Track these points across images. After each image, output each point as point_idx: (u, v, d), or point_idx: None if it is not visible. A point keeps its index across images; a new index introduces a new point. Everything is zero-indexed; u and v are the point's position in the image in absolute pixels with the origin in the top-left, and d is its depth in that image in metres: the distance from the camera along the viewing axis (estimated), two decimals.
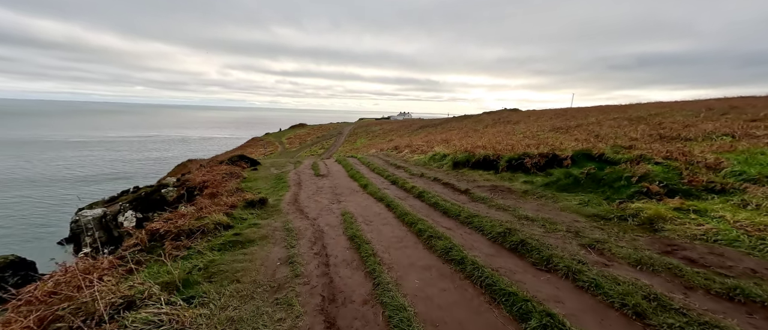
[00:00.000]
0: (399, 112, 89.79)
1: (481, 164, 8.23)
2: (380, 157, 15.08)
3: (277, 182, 10.28)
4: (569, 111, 29.50)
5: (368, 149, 25.33)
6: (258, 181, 11.24)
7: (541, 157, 7.14)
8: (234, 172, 12.74)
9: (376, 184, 8.68)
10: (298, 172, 12.12)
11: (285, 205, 6.69)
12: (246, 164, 14.78)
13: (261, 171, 13.60)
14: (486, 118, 34.27)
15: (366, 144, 37.11)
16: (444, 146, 14.61)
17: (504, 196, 6.03)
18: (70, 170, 54.47)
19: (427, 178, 8.44)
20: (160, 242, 4.32)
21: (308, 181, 10.33)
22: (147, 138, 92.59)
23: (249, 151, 47.49)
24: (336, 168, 12.90)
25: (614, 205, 4.83)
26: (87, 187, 44.68)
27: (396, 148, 17.11)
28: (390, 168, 11.25)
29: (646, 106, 25.90)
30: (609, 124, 17.87)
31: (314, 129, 60.53)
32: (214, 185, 11.06)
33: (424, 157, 11.77)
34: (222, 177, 11.95)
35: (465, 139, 19.34)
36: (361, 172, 10.63)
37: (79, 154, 68.03)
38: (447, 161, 9.71)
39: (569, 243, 3.84)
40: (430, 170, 9.71)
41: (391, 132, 44.15)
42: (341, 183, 9.60)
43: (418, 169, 10.10)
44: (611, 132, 14.17)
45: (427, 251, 4.14)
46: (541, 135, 16.79)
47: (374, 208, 6.40)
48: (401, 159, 13.02)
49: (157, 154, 72.74)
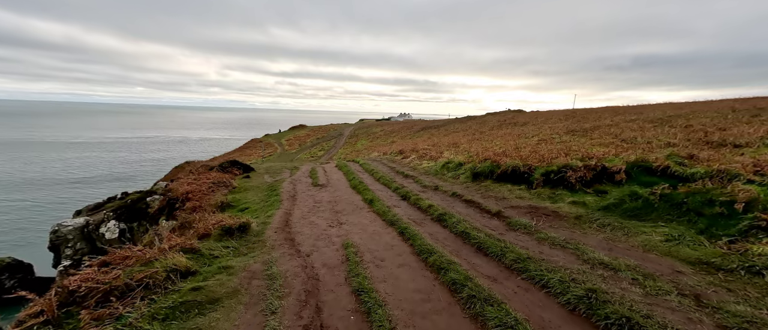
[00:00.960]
0: (399, 113, 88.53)
1: (507, 177, 6.81)
2: (384, 163, 13.66)
3: (268, 195, 8.85)
4: (577, 112, 28.10)
5: (370, 152, 23.92)
6: (248, 193, 9.82)
7: (587, 169, 5.72)
8: (223, 180, 11.31)
9: (383, 198, 7.27)
10: (294, 181, 10.70)
11: (272, 232, 5.24)
12: (238, 170, 13.35)
13: (253, 179, 12.17)
14: (490, 120, 32.85)
15: (367, 146, 35.71)
16: (454, 151, 13.19)
17: (552, 224, 4.61)
18: (69, 172, 53.14)
19: (444, 193, 7.01)
20: (79, 307, 2.89)
21: (304, 193, 8.90)
22: (147, 139, 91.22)
23: (248, 153, 46.04)
24: (336, 176, 11.47)
25: (723, 245, 3.42)
26: (85, 189, 43.32)
27: (401, 152, 15.69)
28: (397, 177, 9.82)
29: (659, 107, 24.49)
30: (628, 126, 16.47)
31: (314, 130, 59.09)
32: (198, 197, 9.64)
33: (434, 165, 10.35)
34: (208, 187, 10.52)
35: (474, 142, 17.91)
36: (364, 183, 9.21)
37: (79, 156, 66.69)
38: (464, 171, 8.28)
39: (701, 323, 2.43)
40: (445, 181, 8.28)
41: (392, 133, 42.74)
42: (342, 196, 8.17)
43: (430, 180, 8.68)
44: (638, 135, 12.75)
45: (473, 328, 2.72)
46: (557, 138, 15.38)
47: (384, 237, 4.98)
48: (408, 166, 11.59)
49: (156, 156, 71.39)
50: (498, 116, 35.07)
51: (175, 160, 55.13)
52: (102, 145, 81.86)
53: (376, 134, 44.59)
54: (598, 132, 15.69)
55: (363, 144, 38.82)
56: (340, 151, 37.30)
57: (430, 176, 9.28)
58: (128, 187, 39.48)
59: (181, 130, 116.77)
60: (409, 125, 48.59)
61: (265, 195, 8.98)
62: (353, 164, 14.39)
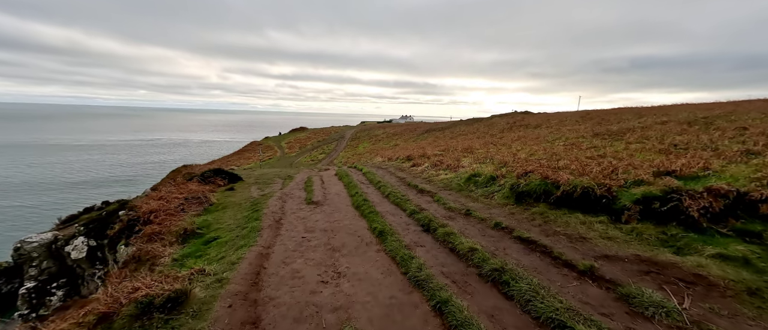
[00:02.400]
0: (401, 116, 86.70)
1: (572, 201, 4.76)
2: (391, 172, 11.58)
3: (248, 217, 6.78)
4: (592, 113, 25.97)
5: (373, 156, 21.85)
6: (226, 212, 7.75)
7: (712, 196, 3.66)
8: (201, 194, 9.25)
9: (397, 228, 5.20)
10: (285, 196, 8.63)
11: (225, 307, 3.13)
12: (223, 180, 11.29)
13: (238, 191, 10.10)
14: (498, 122, 30.75)
15: (369, 149, 33.65)
16: (472, 158, 11.09)
17: (711, 305, 2.55)
18: (70, 175, 51.44)
19: (483, 223, 4.95)
20: None
21: (294, 214, 6.82)
22: (148, 142, 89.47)
23: (247, 156, 44.01)
24: (335, 188, 9.40)
25: None
26: (85, 191, 41.47)
27: (409, 158, 13.61)
28: (411, 193, 7.75)
29: (682, 108, 22.30)
30: (662, 128, 14.36)
31: (315, 133, 57.07)
32: (162, 218, 7.56)
33: (455, 177, 8.28)
34: (179, 204, 8.46)
35: (489, 146, 15.81)
36: (370, 201, 7.13)
37: (80, 158, 64.93)
38: (500, 189, 6.20)
39: None
40: (476, 202, 6.20)
41: (395, 136, 40.70)
42: (342, 220, 6.11)
43: (455, 199, 6.60)
44: (687, 139, 10.65)
45: None
46: (585, 142, 13.29)
47: (411, 317, 2.92)
48: (422, 177, 9.50)
49: (157, 158, 69.60)
50: (506, 118, 32.98)
51: (176, 162, 53.34)
52: (103, 147, 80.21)
53: (378, 137, 42.57)
54: (631, 135, 13.59)
55: (365, 147, 36.78)
56: (342, 154, 35.26)
57: (454, 193, 7.19)
58: (128, 190, 37.58)
59: (183, 133, 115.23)
60: (411, 127, 46.55)
61: (244, 217, 6.91)
62: (355, 172, 12.32)
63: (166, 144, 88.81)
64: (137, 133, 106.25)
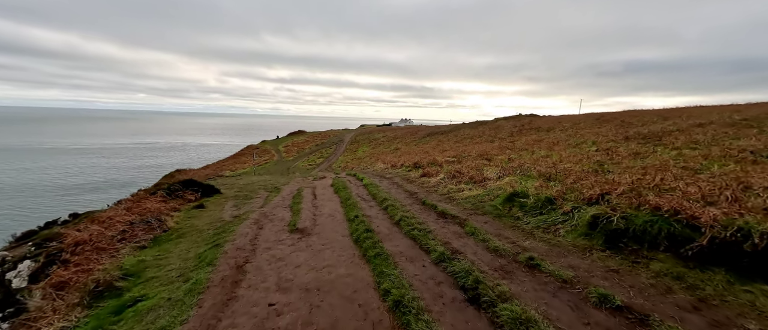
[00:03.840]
0: (400, 119, 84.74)
1: (721, 254, 2.71)
2: (397, 183, 9.45)
3: (201, 258, 4.64)
4: (605, 116, 23.98)
5: (374, 162, 19.67)
6: (177, 246, 5.58)
7: None
8: (156, 215, 7.09)
9: (423, 295, 3.04)
10: (264, 218, 6.49)
11: None
12: (193, 194, 9.11)
13: (208, 210, 7.93)
14: (505, 125, 28.72)
15: (369, 153, 31.52)
16: (496, 168, 8.97)
17: None
18: (65, 178, 48.91)
19: (572, 291, 2.84)
20: None
21: (268, 252, 4.68)
22: (146, 145, 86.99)
23: (242, 160, 41.76)
24: (329, 206, 7.25)
25: None
26: (80, 196, 39.09)
27: (417, 166, 11.48)
28: (430, 218, 5.63)
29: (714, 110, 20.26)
30: (701, 131, 12.34)
31: (313, 136, 54.92)
32: (87, 255, 5.41)
33: (483, 194, 6.18)
34: (121, 231, 6.29)
35: (506, 152, 13.69)
36: (374, 231, 5.01)
37: (76, 162, 62.34)
38: (567, 219, 4.11)
39: None
40: (532, 239, 4.06)
41: (395, 139, 38.63)
42: (335, 269, 3.93)
43: (497, 232, 4.47)
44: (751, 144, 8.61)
45: None
46: (623, 147, 11.23)
47: None
48: (438, 192, 7.36)
49: (154, 162, 67.12)
50: (512, 121, 30.96)
51: (172, 166, 51.18)
52: (100, 151, 77.69)
53: (379, 140, 40.49)
54: (672, 139, 11.55)
55: (365, 151, 34.66)
56: (340, 158, 33.12)
57: (490, 220, 5.09)
58: (123, 193, 35.20)
59: (181, 137, 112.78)
60: (412, 131, 44.49)
61: (196, 257, 4.76)
62: (355, 183, 10.18)
63: (163, 147, 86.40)
64: (135, 137, 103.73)
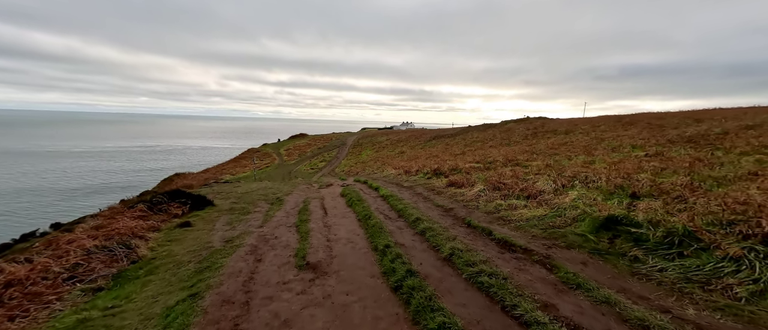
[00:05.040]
0: (402, 122, 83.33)
1: None
2: (421, 193, 7.88)
3: (170, 316, 3.13)
4: (624, 118, 22.50)
5: (382, 167, 18.07)
6: (144, 289, 3.97)
7: None
8: (130, 236, 5.52)
9: None
10: (263, 243, 4.92)
11: None
12: (180, 208, 7.52)
13: (195, 229, 6.34)
14: (516, 128, 27.23)
15: (373, 157, 29.96)
16: (547, 178, 7.42)
17: None
18: (63, 182, 47.29)
19: None
20: None
21: (266, 307, 3.02)
22: (147, 148, 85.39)
23: (243, 164, 40.12)
24: (345, 227, 5.67)
25: None
26: (76, 200, 37.51)
27: (438, 173, 9.92)
28: (492, 252, 4.01)
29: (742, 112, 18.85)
30: (755, 133, 10.85)
31: (315, 139, 53.37)
32: (11, 306, 3.85)
33: (552, 215, 4.64)
34: (74, 264, 4.73)
35: (537, 157, 12.12)
36: (418, 271, 3.39)
37: (76, 165, 60.72)
38: (742, 268, 2.60)
39: None
40: (692, 304, 2.56)
41: (399, 143, 37.11)
42: None
43: (615, 281, 2.93)
44: None
45: None
46: (675, 152, 9.72)
47: None
48: (482, 210, 5.78)
49: (154, 165, 65.52)
50: (522, 124, 29.45)
51: (173, 169, 49.70)
52: (101, 154, 76.14)
53: (382, 144, 38.95)
54: (727, 142, 10.06)
55: (368, 155, 33.11)
56: (344, 162, 31.56)
57: (586, 257, 3.53)
58: (122, 196, 33.66)
59: (183, 140, 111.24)
60: (415, 134, 42.97)
61: (168, 309, 3.23)
62: (369, 192, 8.61)
63: (164, 150, 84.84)
64: (136, 140, 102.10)
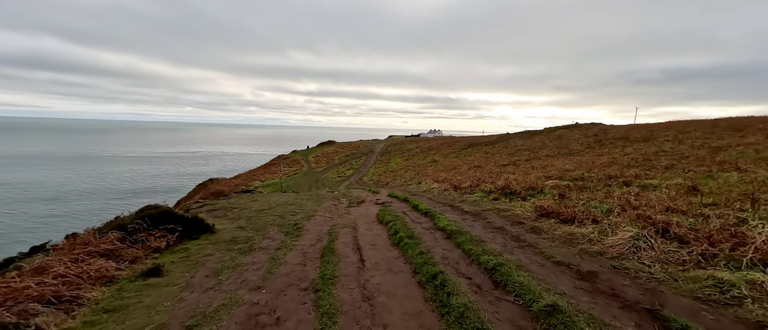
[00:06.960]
0: (429, 130, 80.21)
1: None
2: (504, 228, 5.15)
3: None
4: (720, 122, 18.10)
5: (416, 176, 15.40)
6: None
7: None
8: (56, 297, 3.44)
9: None
10: (268, 314, 2.58)
11: None
12: (164, 239, 5.46)
13: (161, 285, 4.09)
14: (570, 135, 23.43)
15: (403, 165, 27.37)
16: (717, 210, 4.47)
17: None
18: (119, 183, 50.45)
19: None
20: None
21: None
22: (190, 154, 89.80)
23: (272, 171, 39.31)
24: (399, 298, 3.13)
25: None
26: (126, 200, 39.14)
27: (506, 191, 7.15)
28: None
29: None
30: None
31: (343, 146, 52.01)
32: None
33: None
34: None
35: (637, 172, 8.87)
36: None
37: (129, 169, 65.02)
38: None
39: None
40: None
41: (430, 151, 34.28)
42: None
43: None
44: None
45: None
46: None
47: None
48: (648, 272, 3.06)
49: (195, 169, 68.27)
50: (576, 131, 25.51)
51: (211, 174, 50.82)
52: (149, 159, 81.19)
53: (412, 152, 36.33)
54: None
55: (398, 163, 30.59)
56: (372, 170, 29.31)
57: None
58: (168, 198, 34.54)
59: (221, 146, 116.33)
60: (447, 142, 39.91)
61: None
62: (419, 219, 6.04)
63: (204, 156, 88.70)
64: (180, 146, 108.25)
